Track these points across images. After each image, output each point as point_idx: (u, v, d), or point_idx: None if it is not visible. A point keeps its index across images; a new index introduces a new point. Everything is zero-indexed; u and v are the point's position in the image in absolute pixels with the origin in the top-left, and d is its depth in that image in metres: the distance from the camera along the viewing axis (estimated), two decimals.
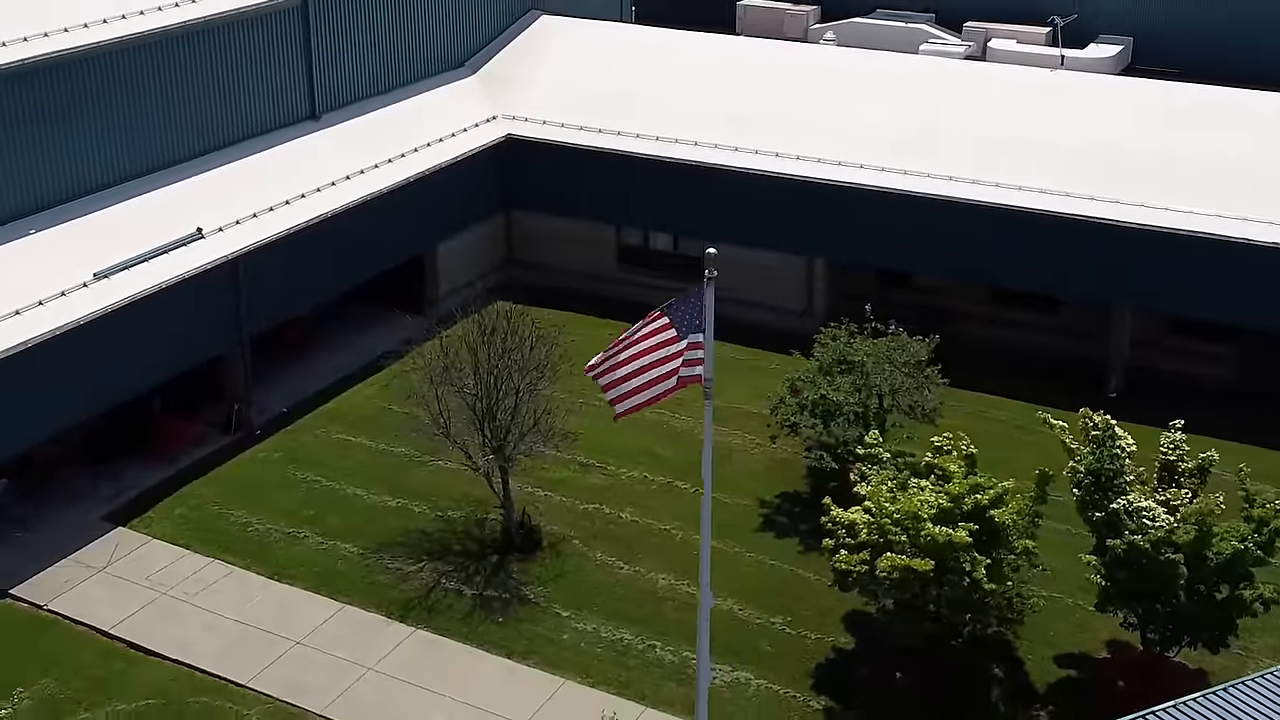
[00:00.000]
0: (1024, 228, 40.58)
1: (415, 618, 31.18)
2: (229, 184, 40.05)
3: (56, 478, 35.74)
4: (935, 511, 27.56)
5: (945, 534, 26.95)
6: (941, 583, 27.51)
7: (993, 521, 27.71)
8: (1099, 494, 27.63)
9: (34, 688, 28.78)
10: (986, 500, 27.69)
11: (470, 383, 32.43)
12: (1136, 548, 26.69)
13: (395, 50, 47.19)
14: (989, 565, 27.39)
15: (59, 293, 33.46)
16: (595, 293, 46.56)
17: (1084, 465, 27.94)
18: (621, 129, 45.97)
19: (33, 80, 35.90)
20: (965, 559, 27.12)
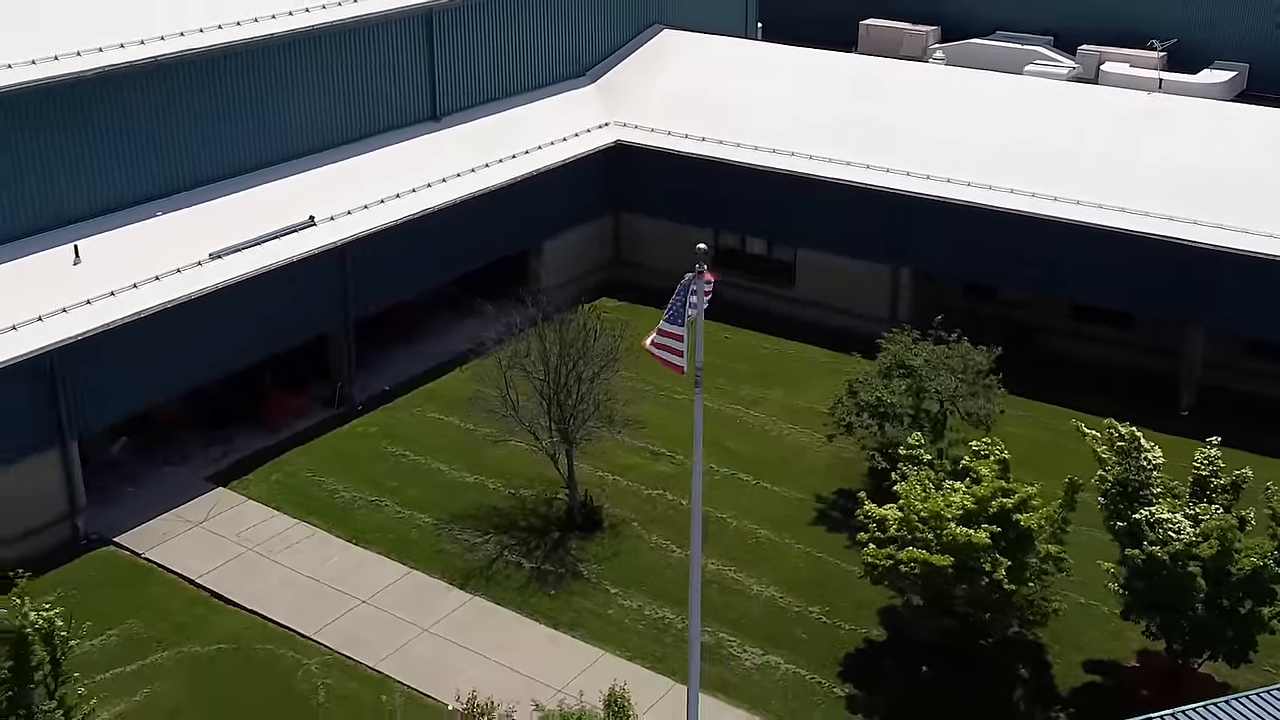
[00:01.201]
0: (1103, 245, 39.70)
1: (474, 585, 31.88)
2: (348, 177, 41.30)
3: (172, 439, 37.38)
4: (961, 512, 27.29)
5: (965, 534, 26.65)
6: (962, 581, 27.22)
7: (1018, 525, 27.33)
8: (1124, 504, 27.04)
9: (122, 626, 30.22)
10: (1011, 504, 27.30)
11: (539, 368, 32.98)
12: (1155, 559, 26.07)
13: (515, 59, 48.08)
14: (1010, 567, 26.98)
15: (175, 269, 35.00)
16: None
17: (1112, 475, 27.37)
18: (724, 138, 46.14)
19: (173, 74, 37.60)
20: (986, 559, 26.80)
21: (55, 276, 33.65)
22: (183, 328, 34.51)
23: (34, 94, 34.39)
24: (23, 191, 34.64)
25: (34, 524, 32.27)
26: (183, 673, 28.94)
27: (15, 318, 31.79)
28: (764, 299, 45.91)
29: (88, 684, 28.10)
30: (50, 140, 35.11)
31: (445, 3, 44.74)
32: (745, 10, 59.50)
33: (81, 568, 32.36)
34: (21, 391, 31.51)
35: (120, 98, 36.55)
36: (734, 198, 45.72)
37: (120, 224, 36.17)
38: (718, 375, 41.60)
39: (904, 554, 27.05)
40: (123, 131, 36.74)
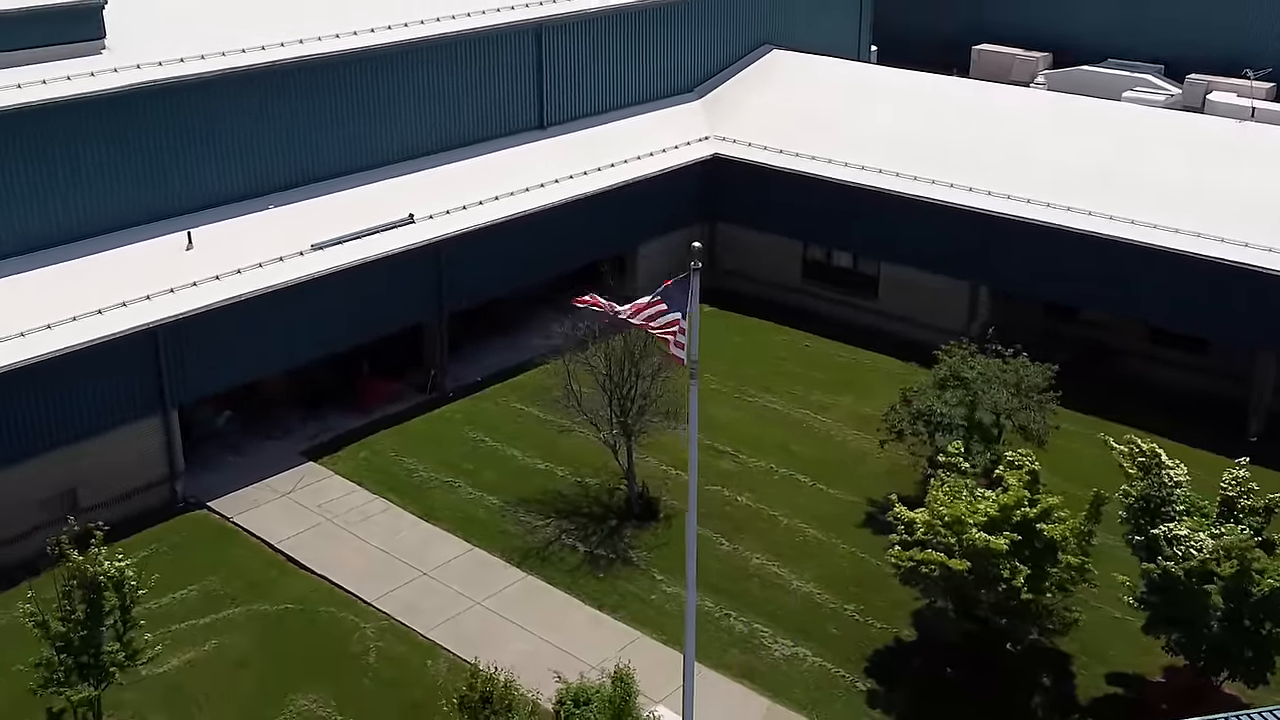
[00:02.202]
0: (1177, 269, 38.72)
1: (529, 565, 32.48)
2: (453, 180, 42.34)
3: (274, 415, 38.81)
4: (985, 520, 26.97)
5: (984, 539, 26.34)
6: (982, 586, 26.89)
7: (1041, 535, 26.91)
8: (1144, 519, 26.43)
9: (202, 583, 31.56)
10: (1034, 514, 26.89)
11: (601, 363, 33.45)
12: (1170, 574, 25.45)
13: (622, 74, 48.74)
14: (1030, 575, 26.59)
15: (278, 258, 36.37)
16: (780, 301, 46.98)
17: (1135, 490, 26.78)
18: (816, 154, 46.07)
19: (296, 78, 39.16)
20: (1005, 566, 26.45)
21: (169, 260, 35.27)
22: (281, 312, 35.83)
23: (162, 92, 36.18)
24: (148, 182, 36.41)
25: (137, 485, 33.89)
26: (251, 628, 30.12)
27: (127, 296, 33.41)
28: (848, 310, 45.75)
29: (163, 633, 29.57)
30: (179, 134, 36.87)
31: (554, 18, 45.64)
32: (859, 34, 59.22)
33: (175, 527, 33.84)
34: (128, 363, 33.10)
35: (246, 98, 38.15)
36: (823, 211, 45.64)
37: (234, 215, 37.74)
38: (793, 381, 41.75)
39: (924, 555, 26.87)
40: (245, 130, 38.33)
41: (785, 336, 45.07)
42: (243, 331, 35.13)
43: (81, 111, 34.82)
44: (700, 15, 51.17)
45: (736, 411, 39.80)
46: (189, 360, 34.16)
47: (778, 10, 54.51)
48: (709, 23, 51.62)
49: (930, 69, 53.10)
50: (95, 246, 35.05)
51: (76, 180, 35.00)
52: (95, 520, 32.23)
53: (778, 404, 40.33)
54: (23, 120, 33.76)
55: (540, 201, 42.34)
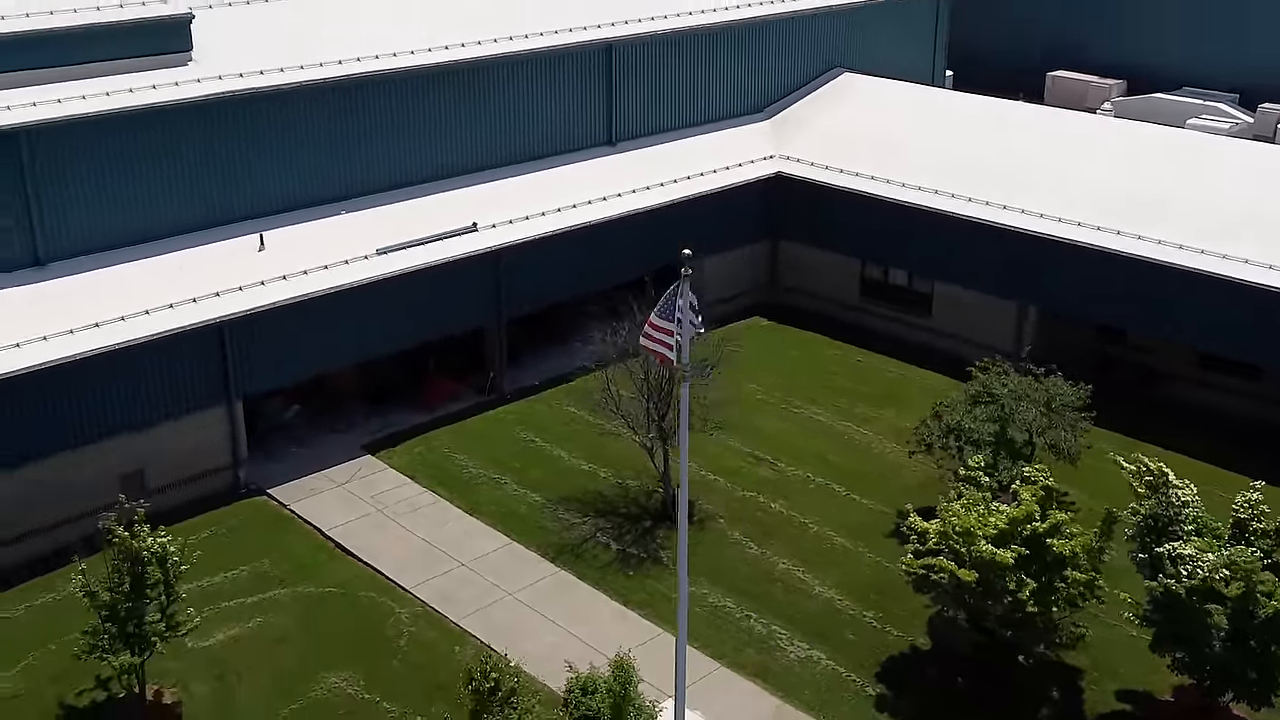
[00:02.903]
0: (1226, 295, 37.84)
1: (563, 560, 32.85)
2: (520, 191, 42.97)
3: (341, 409, 39.74)
4: (995, 533, 26.71)
5: (990, 552, 26.12)
6: (988, 598, 26.63)
7: (1050, 549, 26.57)
8: (1150, 537, 25.96)
9: (253, 564, 32.48)
10: (1043, 529, 26.57)
11: (639, 368, 33.73)
12: (1171, 592, 24.97)
13: (691, 94, 49.01)
14: (1036, 589, 26.27)
15: (343, 261, 37.29)
16: (838, 318, 46.84)
17: (1144, 509, 26.32)
18: (876, 174, 45.90)
19: (374, 90, 40.16)
20: (1012, 579, 26.18)
21: (241, 260, 36.39)
22: (343, 312, 36.69)
23: (241, 102, 37.39)
24: (226, 186, 37.62)
25: (201, 470, 34.97)
26: (294, 608, 30.92)
27: (198, 292, 34.56)
28: (902, 328, 45.46)
29: (212, 609, 30.59)
30: (257, 142, 38.02)
31: (624, 38, 46.13)
32: (933, 58, 58.74)
33: (235, 512, 34.85)
34: (196, 355, 34.22)
35: (320, 110, 39.19)
36: (880, 230, 45.44)
37: (306, 219, 38.76)
38: (840, 395, 41.61)
39: (936, 562, 26.71)
40: (319, 139, 39.36)
41: (838, 351, 44.92)
42: (305, 329, 36.07)
43: (166, 118, 36.13)
44: (771, 38, 51.28)
45: (781, 422, 39.80)
46: (254, 355, 35.19)
47: (851, 35, 54.37)
48: (779, 46, 51.68)
49: (1005, 94, 52.67)
50: (174, 245, 36.28)
51: (159, 182, 36.28)
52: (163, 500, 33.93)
53: (822, 416, 40.22)
54: (113, 125, 35.14)
55: (599, 214, 42.74)
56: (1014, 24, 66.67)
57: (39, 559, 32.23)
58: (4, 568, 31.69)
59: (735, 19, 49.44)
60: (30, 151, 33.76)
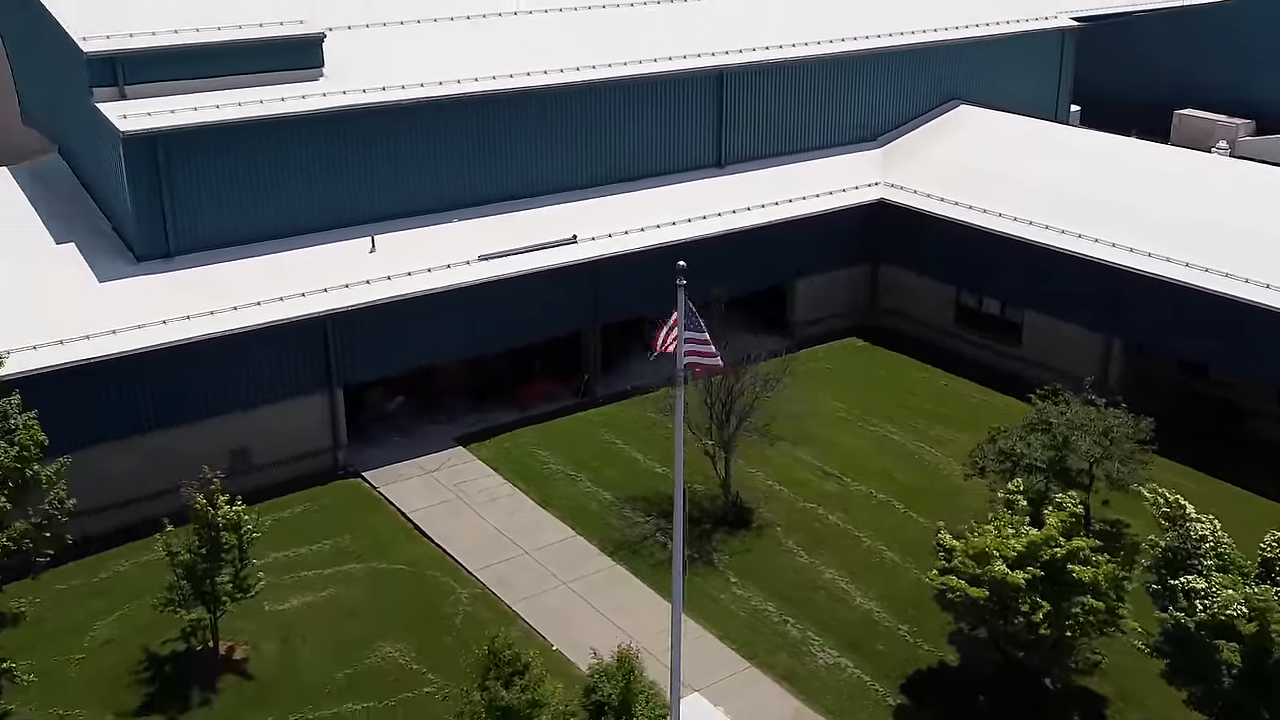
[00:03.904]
0: None
1: (620, 556, 33.29)
2: (626, 206, 43.67)
3: (444, 403, 40.99)
4: (1014, 555, 26.14)
5: (1003, 572, 25.58)
6: (1001, 618, 26.07)
7: (1069, 575, 25.86)
8: (1166, 570, 25.03)
9: (336, 539, 33.84)
10: (1061, 554, 25.88)
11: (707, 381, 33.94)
12: (1180, 625, 24.06)
13: (801, 121, 49.03)
14: (1050, 612, 25.61)
15: (445, 265, 38.51)
16: (932, 343, 46.18)
17: (1164, 541, 25.40)
18: (974, 203, 45.15)
19: (481, 109, 41.40)
20: (1025, 600, 25.59)
21: (352, 261, 37.93)
22: (441, 312, 37.87)
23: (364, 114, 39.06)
24: (346, 191, 39.29)
25: (302, 451, 36.55)
26: (365, 582, 32.12)
27: (307, 288, 36.18)
28: (993, 355, 44.54)
29: (291, 577, 32.04)
30: (378, 152, 39.62)
31: (735, 65, 46.42)
32: (1057, 93, 57.32)
33: (330, 491, 36.32)
34: (302, 345, 35.84)
35: (439, 123, 40.63)
36: (975, 259, 44.68)
37: (418, 225, 40.16)
38: (919, 416, 41.04)
39: (948, 580, 26.29)
40: (437, 151, 40.80)
41: (926, 374, 44.27)
42: (404, 327, 37.36)
43: (292, 128, 37.98)
44: (885, 70, 50.88)
45: (856, 439, 39.47)
46: (355, 348, 36.62)
47: (970, 69, 53.55)
48: (894, 77, 51.25)
49: (1130, 132, 51.15)
50: (292, 244, 38.04)
51: (282, 186, 38.14)
52: (266, 476, 35.63)
53: (896, 435, 39.73)
54: (242, 132, 37.12)
55: (696, 232, 43.05)
56: (1141, 61, 64.47)
57: (152, 520, 34.08)
58: (122, 526, 33.65)
59: (847, 50, 49.32)
60: (165, 154, 35.91)
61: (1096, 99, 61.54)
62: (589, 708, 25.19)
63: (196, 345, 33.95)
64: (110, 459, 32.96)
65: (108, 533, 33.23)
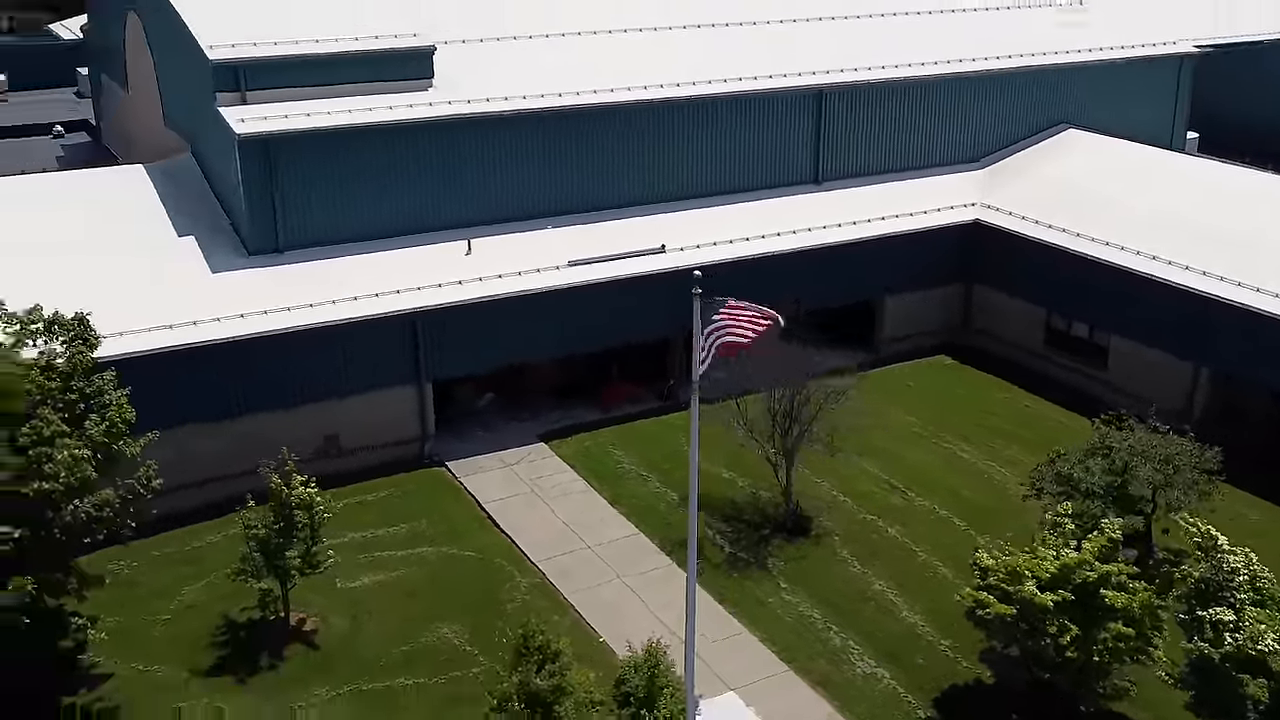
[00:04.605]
0: None
1: (678, 555, 33.37)
2: (722, 219, 43.81)
3: (530, 401, 41.77)
4: (1047, 576, 25.57)
5: (1032, 593, 25.05)
6: (1029, 638, 25.51)
7: (1101, 600, 25.18)
8: (1195, 600, 24.18)
9: (413, 524, 34.83)
10: (1093, 578, 25.20)
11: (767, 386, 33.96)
12: (1205, 656, 23.22)
13: (900, 141, 48.51)
14: (1078, 636, 24.97)
15: (535, 269, 39.24)
16: (1021, 364, 45.20)
17: (1197, 572, 24.54)
18: (1068, 227, 44.05)
19: (582, 122, 42.11)
20: (1053, 622, 25.00)
21: (448, 261, 38.95)
22: (529, 313, 38.57)
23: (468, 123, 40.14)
24: (449, 195, 40.37)
25: (390, 439, 37.70)
26: (434, 565, 33.00)
27: (402, 285, 37.30)
28: (1080, 379, 43.36)
29: (367, 557, 33.11)
30: (481, 159, 40.62)
31: (834, 85, 46.19)
32: (1173, 120, 55.38)
33: (414, 478, 37.35)
34: (393, 340, 36.93)
35: (541, 135, 41.51)
36: (1065, 282, 43.56)
37: (515, 230, 41.03)
38: (995, 436, 40.25)
39: (980, 595, 25.84)
40: (539, 160, 41.65)
41: (1009, 395, 43.34)
42: (491, 327, 38.17)
43: (398, 135, 39.21)
44: (990, 92, 49.99)
45: (926, 455, 38.91)
46: (444, 344, 37.59)
47: (1081, 93, 52.25)
48: (1000, 100, 50.33)
49: (1248, 160, 49.27)
50: (394, 244, 39.25)
51: (386, 190, 39.39)
52: (355, 461, 36.87)
53: (968, 453, 39.03)
54: (350, 138, 38.50)
55: (787, 245, 43.00)
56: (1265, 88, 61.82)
57: (244, 497, 35.64)
58: (216, 501, 35.15)
59: (949, 72, 48.62)
60: (277, 156, 37.48)
61: (1217, 125, 59.42)
62: (618, 698, 25.58)
63: (294, 335, 35.30)
64: (207, 438, 34.53)
65: (204, 506, 34.74)
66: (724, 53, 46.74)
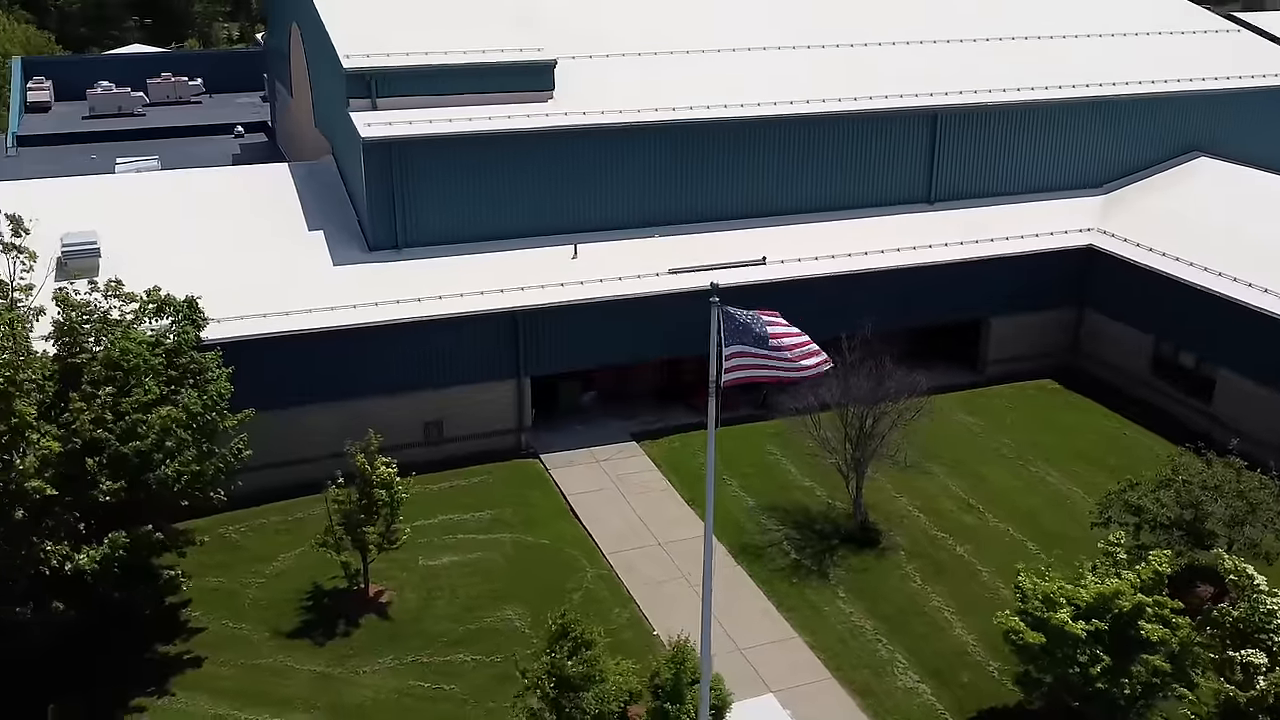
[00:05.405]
0: None
1: (743, 558, 33.34)
2: (829, 234, 43.35)
3: (630, 401, 42.13)
4: (1085, 603, 24.59)
5: (1063, 620, 24.13)
6: (1058, 666, 24.55)
7: (1137, 632, 24.07)
8: (1232, 640, 22.87)
9: (497, 510, 35.60)
10: (1127, 608, 24.12)
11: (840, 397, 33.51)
12: (1231, 699, 21.98)
13: (1019, 164, 47.07)
14: (1108, 666, 23.93)
15: (635, 275, 39.58)
16: (1126, 391, 43.37)
17: (1236, 611, 23.22)
18: (1182, 256, 42.02)
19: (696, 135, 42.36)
20: (1083, 651, 24.03)
21: (555, 265, 39.66)
22: (623, 316, 38.87)
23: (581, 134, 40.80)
24: (560, 203, 41.13)
25: (489, 429, 38.55)
26: (507, 550, 33.67)
27: (506, 285, 38.16)
28: (1185, 410, 41.30)
29: (450, 537, 34.05)
30: (595, 169, 41.26)
31: (950, 107, 45.15)
32: None
33: (508, 467, 38.10)
34: (496, 335, 37.79)
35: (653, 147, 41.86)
36: (1175, 311, 41.54)
37: (623, 238, 41.45)
38: (1085, 462, 38.77)
39: (1012, 621, 25.00)
40: (651, 170, 42.01)
41: (1108, 422, 41.59)
42: (588, 329, 38.63)
43: (515, 142, 40.15)
44: (1114, 117, 48.02)
45: (1011, 477, 37.71)
46: (542, 342, 38.28)
47: (1214, 120, 49.74)
48: (1124, 125, 48.27)
49: None
50: (505, 246, 40.17)
51: (501, 195, 40.36)
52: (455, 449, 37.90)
53: (1053, 478, 37.65)
54: (467, 144, 39.57)
55: (891, 262, 42.26)
56: None
57: (348, 475, 36.97)
58: (323, 477, 36.61)
59: (1068, 97, 46.95)
60: (399, 159, 38.83)
61: None
62: (652, 690, 25.77)
63: (402, 326, 36.48)
64: (319, 418, 35.98)
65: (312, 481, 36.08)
66: (842, 70, 46.21)
